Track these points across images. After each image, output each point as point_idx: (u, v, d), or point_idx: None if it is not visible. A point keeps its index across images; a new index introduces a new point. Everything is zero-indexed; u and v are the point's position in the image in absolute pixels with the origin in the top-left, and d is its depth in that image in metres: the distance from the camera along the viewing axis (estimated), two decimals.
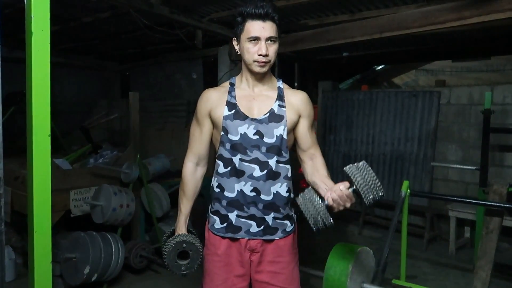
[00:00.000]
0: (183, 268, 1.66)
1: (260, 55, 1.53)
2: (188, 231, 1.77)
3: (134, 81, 6.16)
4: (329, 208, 1.41)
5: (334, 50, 5.33)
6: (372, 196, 1.39)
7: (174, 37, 4.24)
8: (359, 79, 11.09)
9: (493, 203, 2.28)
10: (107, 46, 5.28)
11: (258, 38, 1.52)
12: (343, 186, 1.41)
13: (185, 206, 1.75)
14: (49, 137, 1.35)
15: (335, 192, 1.40)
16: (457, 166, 3.91)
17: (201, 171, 1.76)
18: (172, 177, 3.84)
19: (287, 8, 3.56)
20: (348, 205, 1.41)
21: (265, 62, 1.55)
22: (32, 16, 1.26)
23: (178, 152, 4.35)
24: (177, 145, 4.63)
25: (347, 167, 1.42)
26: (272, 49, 1.55)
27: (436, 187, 4.88)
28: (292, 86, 1.78)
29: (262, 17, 1.51)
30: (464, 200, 2.73)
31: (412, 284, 1.94)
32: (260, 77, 1.63)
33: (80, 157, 3.98)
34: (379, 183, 1.39)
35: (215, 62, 4.73)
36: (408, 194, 2.55)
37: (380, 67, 11.60)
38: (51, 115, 1.34)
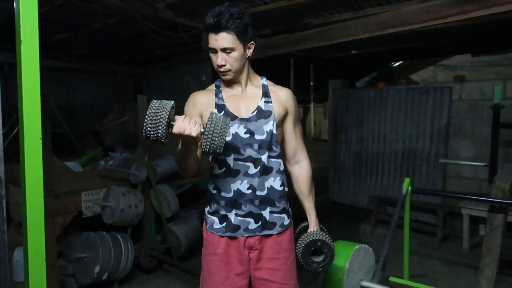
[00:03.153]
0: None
1: (217, 65, 1.57)
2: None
3: (146, 84, 6.28)
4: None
5: (348, 48, 5.30)
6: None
7: (181, 40, 4.31)
8: (375, 76, 10.95)
9: (495, 199, 2.24)
10: (118, 50, 5.41)
11: (215, 50, 1.55)
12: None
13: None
14: (40, 140, 1.40)
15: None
16: (465, 162, 3.83)
17: None
18: (179, 178, 3.90)
19: (290, 7, 3.57)
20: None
21: (225, 71, 1.58)
22: (21, 25, 1.32)
23: None
24: None
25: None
26: (230, 58, 1.56)
27: (449, 184, 4.80)
28: (307, 86, 1.80)
29: (215, 30, 1.52)
30: (465, 196, 2.68)
31: (409, 281, 1.93)
32: (237, 79, 1.65)
33: (91, 160, 4.08)
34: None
35: None
36: (409, 191, 2.53)
37: (397, 63, 11.43)
38: (67, 119, 1.39)
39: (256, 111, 1.63)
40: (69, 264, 3.35)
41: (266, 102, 1.65)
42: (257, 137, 1.62)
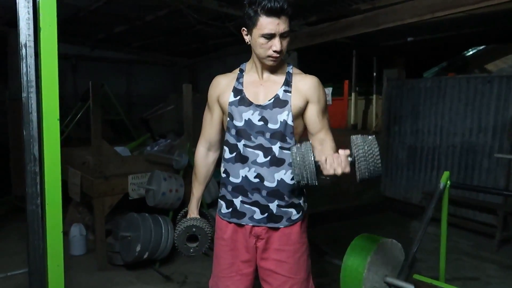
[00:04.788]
0: (191, 250, 1.76)
1: (274, 51, 1.51)
2: (201, 213, 1.85)
3: (200, 74, 6.47)
4: (319, 168, 1.38)
5: (403, 34, 5.02)
6: (367, 174, 1.33)
7: (228, 31, 4.36)
8: (445, 66, 10.20)
9: None
10: (172, 42, 5.61)
11: (273, 35, 1.49)
12: (342, 151, 1.38)
13: (197, 190, 1.82)
14: (58, 121, 1.51)
15: (331, 155, 1.38)
16: None
17: (213, 156, 1.81)
18: (220, 165, 3.97)
19: None
20: (339, 171, 1.36)
21: (278, 57, 1.54)
22: (40, 13, 1.41)
23: None
24: None
25: (355, 136, 1.37)
26: (285, 43, 1.53)
27: None
28: (370, 76, 1.74)
29: (277, 14, 1.46)
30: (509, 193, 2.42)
31: (434, 280, 1.80)
32: (270, 65, 1.60)
33: (140, 146, 4.31)
34: (379, 164, 1.33)
35: None
36: (448, 186, 2.36)
37: (471, 52, 10.60)
38: (127, 108, 1.50)
39: (273, 99, 1.59)
40: (116, 242, 3.59)
41: (285, 91, 1.60)
42: (270, 126, 1.58)
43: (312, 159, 1.35)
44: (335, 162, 1.35)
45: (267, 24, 1.47)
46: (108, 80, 5.91)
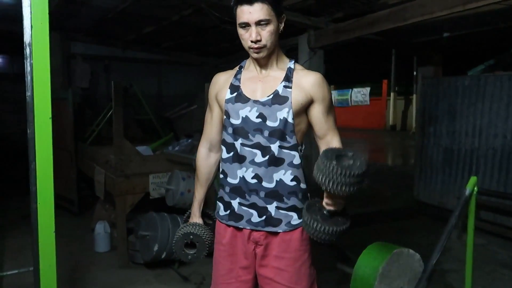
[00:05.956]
0: (189, 257, 1.70)
1: (252, 41, 1.44)
2: (204, 214, 1.79)
3: None
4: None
5: (438, 29, 4.74)
6: (346, 189, 1.28)
7: None
8: (492, 64, 9.59)
9: None
10: (201, 42, 5.62)
11: (247, 24, 1.42)
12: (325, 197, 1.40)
13: (199, 192, 1.77)
14: (50, 120, 1.49)
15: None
16: None
17: (214, 157, 1.75)
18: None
19: None
20: (340, 202, 1.39)
21: (260, 47, 1.45)
22: (31, 11, 1.40)
23: None
24: None
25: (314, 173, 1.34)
26: (265, 32, 1.43)
27: None
28: (411, 76, 1.64)
29: (249, 1, 1.40)
30: None
31: None
32: (266, 59, 1.53)
33: (163, 145, 4.33)
34: (358, 173, 1.25)
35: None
36: (476, 192, 2.16)
37: None
38: (158, 108, 1.47)
39: (272, 95, 1.50)
40: (137, 240, 3.61)
41: (285, 87, 1.51)
42: (269, 123, 1.49)
43: (318, 221, 1.39)
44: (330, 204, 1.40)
45: (241, 13, 1.42)
46: (140, 80, 6.01)
